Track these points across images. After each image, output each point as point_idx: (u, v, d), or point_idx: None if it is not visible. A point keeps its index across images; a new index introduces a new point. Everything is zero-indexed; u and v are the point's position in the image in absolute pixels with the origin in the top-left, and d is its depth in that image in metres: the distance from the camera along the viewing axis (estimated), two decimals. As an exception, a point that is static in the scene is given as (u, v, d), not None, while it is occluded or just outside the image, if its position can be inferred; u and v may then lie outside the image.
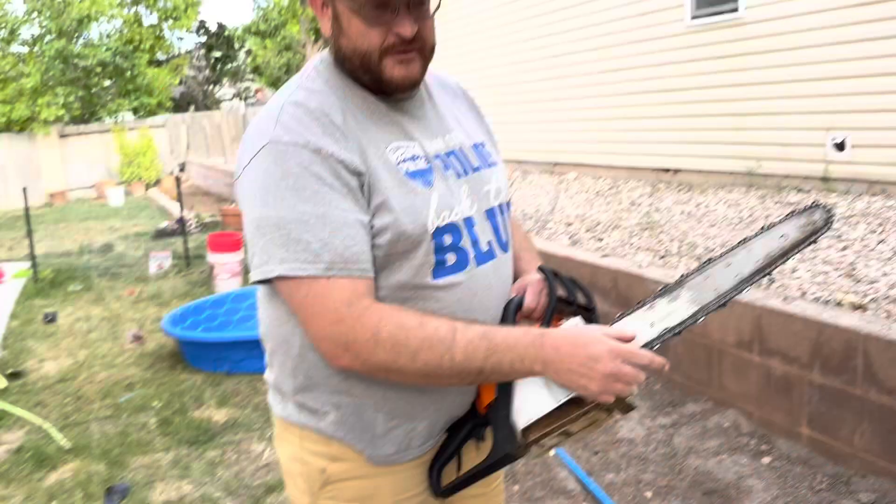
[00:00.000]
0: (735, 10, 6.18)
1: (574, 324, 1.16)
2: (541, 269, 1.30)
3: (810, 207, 1.18)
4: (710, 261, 1.18)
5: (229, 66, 31.60)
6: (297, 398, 1.23)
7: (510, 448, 1.14)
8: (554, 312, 1.21)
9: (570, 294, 1.24)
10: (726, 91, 6.38)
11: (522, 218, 6.02)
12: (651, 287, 3.65)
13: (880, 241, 4.02)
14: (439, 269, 1.16)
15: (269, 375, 1.32)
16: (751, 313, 3.09)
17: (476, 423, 1.24)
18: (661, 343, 1.14)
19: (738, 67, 6.24)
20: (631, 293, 3.81)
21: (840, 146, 5.50)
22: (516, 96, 9.27)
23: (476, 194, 1.25)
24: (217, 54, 30.91)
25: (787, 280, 3.50)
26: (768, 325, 3.03)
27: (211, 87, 30.42)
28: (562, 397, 1.10)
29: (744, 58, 6.17)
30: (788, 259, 1.15)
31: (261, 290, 1.26)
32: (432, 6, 1.17)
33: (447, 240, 1.17)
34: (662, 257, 4.23)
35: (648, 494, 2.82)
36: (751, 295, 3.16)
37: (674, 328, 1.14)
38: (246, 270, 5.71)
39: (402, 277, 1.14)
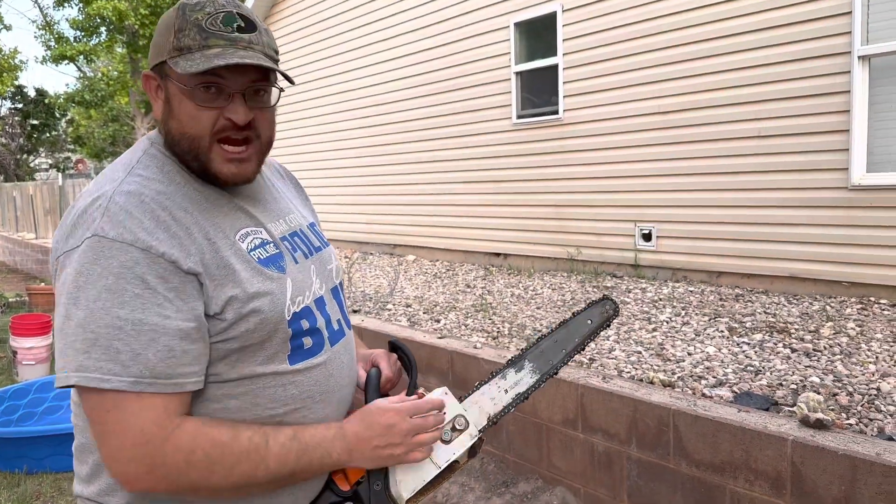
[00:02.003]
0: (555, 112, 6.79)
1: (442, 392, 1.25)
2: (392, 343, 1.37)
3: (603, 300, 1.45)
4: (542, 337, 1.40)
5: (48, 134, 29.51)
6: (107, 499, 1.12)
7: None
8: (415, 379, 1.29)
9: (411, 362, 1.33)
10: (548, 184, 6.91)
11: (363, 299, 6.03)
12: (485, 367, 3.77)
13: (684, 324, 4.46)
14: (296, 353, 1.14)
15: (78, 486, 1.18)
16: (574, 392, 3.28)
17: (344, 500, 1.21)
18: (514, 406, 1.32)
19: (558, 163, 6.80)
20: (467, 373, 3.91)
21: (647, 237, 6.09)
22: (354, 179, 9.44)
23: (322, 274, 1.25)
24: (34, 122, 28.82)
25: (605, 359, 3.76)
26: (590, 403, 3.23)
27: (25, 156, 28.15)
28: (443, 463, 1.19)
29: (563, 154, 6.75)
30: (596, 337, 1.39)
31: None
32: (272, 98, 1.15)
33: (304, 324, 1.15)
34: (495, 338, 4.40)
35: (483, 578, 2.83)
36: (574, 374, 3.36)
37: (524, 393, 1.34)
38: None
39: (257, 367, 1.10)
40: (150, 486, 1.02)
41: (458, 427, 1.23)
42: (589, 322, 1.42)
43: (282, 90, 1.17)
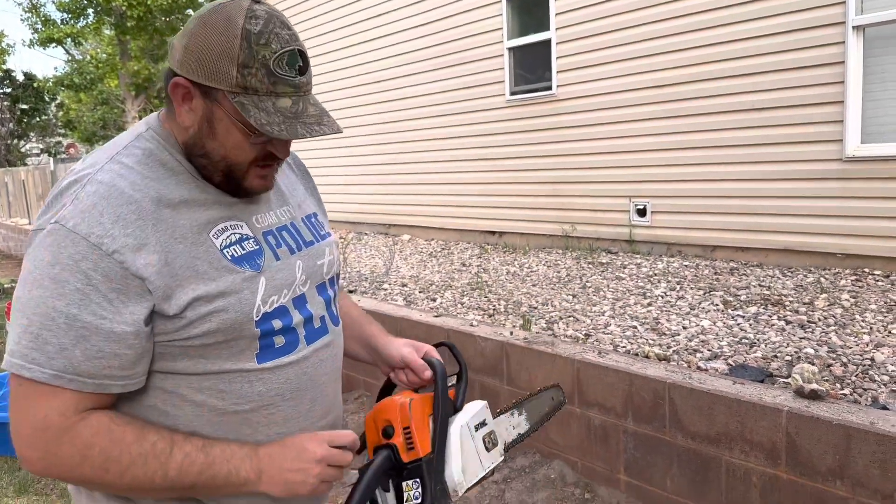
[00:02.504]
0: (549, 87, 6.75)
1: (482, 406, 1.32)
2: (445, 345, 1.42)
3: (555, 386, 1.62)
4: (532, 394, 1.53)
5: (38, 119, 29.27)
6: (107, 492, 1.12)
7: (445, 502, 1.20)
8: (464, 390, 1.35)
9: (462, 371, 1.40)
10: (543, 161, 6.89)
11: (358, 279, 6.03)
12: (482, 344, 3.79)
13: (679, 298, 4.47)
14: (266, 352, 1.12)
15: None
16: (570, 367, 3.30)
17: (397, 472, 1.21)
18: (516, 444, 1.43)
19: (552, 139, 6.77)
20: (463, 351, 3.90)
21: (642, 212, 6.09)
22: (349, 159, 9.40)
23: (310, 269, 1.22)
24: (24, 106, 28.57)
25: (600, 334, 3.78)
26: (586, 378, 3.24)
27: (16, 141, 27.95)
28: (488, 466, 1.27)
29: (558, 131, 6.72)
30: (553, 414, 1.59)
31: None
32: None
33: (276, 324, 1.13)
34: (491, 315, 4.41)
35: (483, 551, 2.86)
36: (570, 349, 3.37)
37: (524, 433, 1.47)
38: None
39: (222, 364, 1.09)
40: (41, 471, 1.02)
41: (493, 441, 1.32)
42: (552, 398, 1.59)
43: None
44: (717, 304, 4.23)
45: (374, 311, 4.63)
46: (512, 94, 7.14)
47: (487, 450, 1.29)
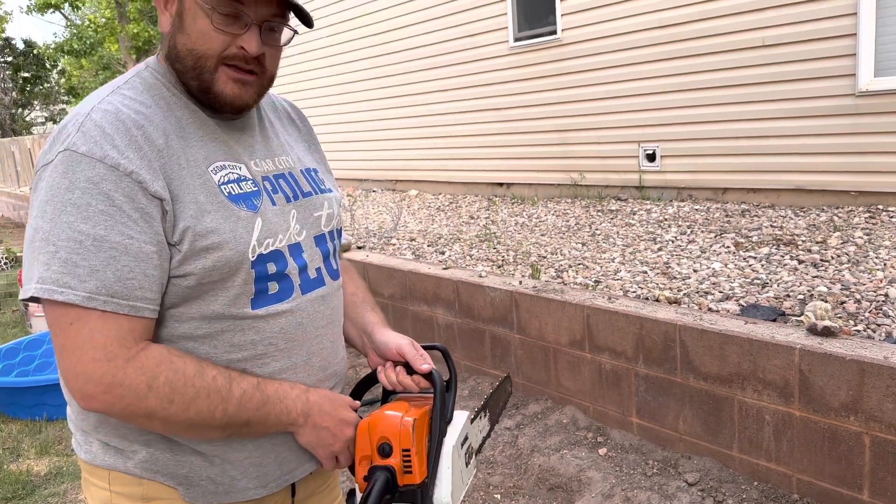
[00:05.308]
0: (554, 32, 6.60)
1: (465, 416, 1.27)
2: (430, 378, 1.25)
3: (506, 378, 1.55)
4: (491, 394, 1.46)
5: (40, 87, 29.11)
6: (100, 436, 1.12)
7: None
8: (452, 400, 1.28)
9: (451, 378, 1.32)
10: (549, 108, 6.78)
11: (366, 235, 6.02)
12: (490, 294, 3.78)
13: (690, 242, 4.43)
14: (260, 298, 1.11)
15: (70, 413, 1.19)
16: (580, 313, 3.29)
17: (391, 494, 1.16)
18: (477, 452, 1.36)
19: (558, 86, 6.65)
20: (473, 301, 3.92)
21: (651, 157, 6.01)
22: (354, 115, 9.30)
23: (306, 220, 1.21)
24: (26, 75, 28.40)
25: (610, 280, 3.76)
26: (596, 324, 3.23)
27: (20, 110, 27.88)
28: (468, 479, 1.25)
29: (563, 77, 6.59)
30: (505, 406, 1.58)
31: None
32: (283, 38, 1.14)
33: (270, 268, 1.12)
34: (500, 266, 4.39)
35: (497, 496, 2.90)
36: (579, 296, 3.36)
37: (485, 437, 1.42)
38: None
39: (217, 307, 1.07)
40: (105, 406, 0.99)
41: (470, 454, 1.28)
42: (505, 392, 1.54)
43: (296, 32, 1.14)
44: (728, 247, 4.19)
45: (383, 265, 4.63)
46: (516, 40, 6.99)
47: (466, 465, 1.25)
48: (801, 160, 5.07)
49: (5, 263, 8.51)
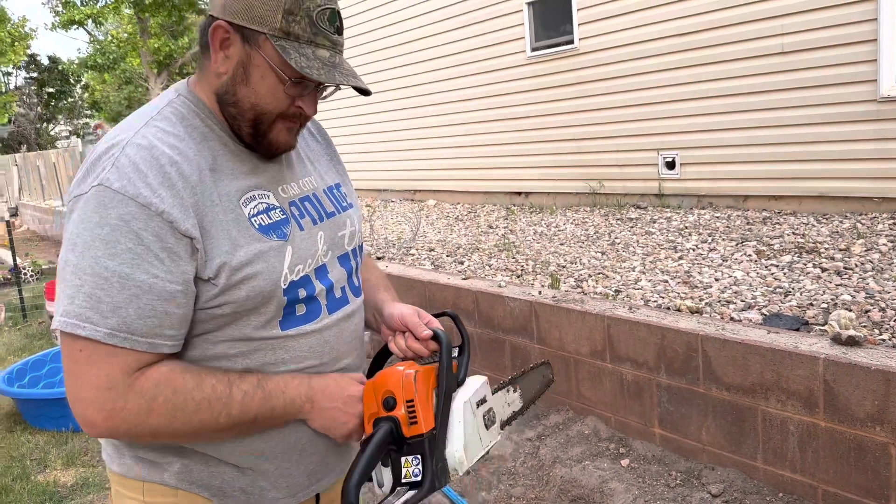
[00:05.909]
0: (571, 41, 6.61)
1: (483, 381, 1.25)
2: (448, 315, 1.33)
3: (544, 363, 1.59)
4: (525, 371, 1.48)
5: (64, 101, 29.61)
6: (134, 451, 1.15)
7: (445, 481, 1.15)
8: (466, 365, 1.27)
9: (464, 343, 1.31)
10: (567, 117, 6.78)
11: (385, 245, 6.05)
12: (510, 304, 3.78)
13: (711, 250, 4.40)
14: (288, 319, 1.14)
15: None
16: (601, 324, 3.28)
17: (397, 447, 1.16)
18: (510, 423, 1.36)
19: (576, 95, 6.65)
20: (492, 311, 3.93)
21: (671, 165, 5.98)
22: (374, 126, 9.36)
23: (331, 240, 1.23)
24: (50, 90, 28.90)
25: (631, 290, 3.74)
26: (617, 334, 3.22)
27: (44, 124, 28.35)
28: (487, 444, 1.22)
29: (581, 86, 6.59)
30: (544, 391, 1.57)
31: None
32: (327, 90, 1.19)
33: (301, 293, 1.15)
34: (519, 276, 4.39)
35: (519, 508, 2.89)
36: (600, 306, 3.35)
37: (517, 412, 1.41)
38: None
39: (248, 331, 1.11)
40: (109, 431, 1.02)
41: (491, 419, 1.26)
42: (542, 376, 1.55)
43: (339, 88, 1.18)
44: (750, 255, 4.16)
45: (403, 276, 4.65)
46: (533, 50, 7.01)
47: (487, 427, 1.24)
48: (822, 167, 5.02)
49: (32, 276, 8.64)
